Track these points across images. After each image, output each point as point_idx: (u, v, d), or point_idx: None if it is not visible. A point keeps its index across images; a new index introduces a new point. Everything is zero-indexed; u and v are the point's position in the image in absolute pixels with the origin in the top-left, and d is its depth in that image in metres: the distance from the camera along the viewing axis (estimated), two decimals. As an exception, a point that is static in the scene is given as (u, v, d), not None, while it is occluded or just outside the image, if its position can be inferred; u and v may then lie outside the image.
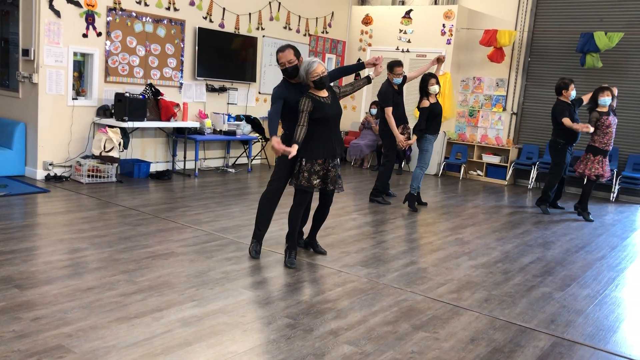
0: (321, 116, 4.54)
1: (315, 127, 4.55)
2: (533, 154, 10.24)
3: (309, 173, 4.58)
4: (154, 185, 7.58)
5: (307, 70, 4.50)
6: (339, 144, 4.77)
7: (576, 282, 4.89)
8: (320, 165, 4.62)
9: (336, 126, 4.72)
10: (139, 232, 5.30)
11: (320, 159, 4.61)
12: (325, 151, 4.62)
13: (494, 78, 10.61)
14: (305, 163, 4.57)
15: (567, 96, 7.49)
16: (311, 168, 4.59)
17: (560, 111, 7.44)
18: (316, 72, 4.47)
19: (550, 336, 3.70)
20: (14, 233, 4.95)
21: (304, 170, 4.57)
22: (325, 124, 4.59)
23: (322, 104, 4.54)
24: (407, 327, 3.63)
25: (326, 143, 4.62)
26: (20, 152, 7.31)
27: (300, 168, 4.59)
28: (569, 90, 7.47)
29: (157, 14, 8.22)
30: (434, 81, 7.18)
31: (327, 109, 4.56)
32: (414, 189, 7.33)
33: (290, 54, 4.64)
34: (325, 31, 11.26)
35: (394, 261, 5.05)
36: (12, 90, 7.53)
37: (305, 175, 4.58)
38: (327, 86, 4.63)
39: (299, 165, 4.60)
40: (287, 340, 3.31)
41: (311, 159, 4.58)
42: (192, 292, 3.91)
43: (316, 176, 4.60)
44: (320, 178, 4.63)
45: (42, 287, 3.78)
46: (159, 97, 8.09)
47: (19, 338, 3.05)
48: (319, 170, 4.62)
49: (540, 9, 10.13)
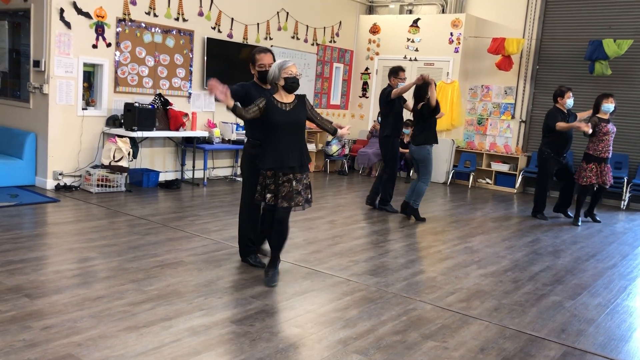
0: (272, 122, 4.17)
1: (267, 134, 4.23)
2: (542, 161, 10.19)
3: (261, 187, 4.28)
4: (163, 195, 7.61)
5: (280, 66, 4.16)
6: (299, 156, 4.25)
7: (587, 291, 4.84)
8: (270, 178, 4.24)
9: (294, 137, 4.25)
10: (148, 241, 5.32)
11: (269, 172, 4.23)
12: (274, 162, 4.18)
13: (502, 86, 10.59)
14: (264, 177, 4.29)
15: (562, 104, 7.45)
16: (263, 181, 4.27)
17: (552, 117, 7.42)
18: (290, 70, 4.16)
19: (561, 345, 3.66)
20: (24, 242, 4.98)
21: (259, 183, 4.30)
22: (277, 132, 4.19)
23: (278, 109, 4.17)
24: (417, 337, 3.61)
25: (277, 154, 4.18)
26: (30, 162, 7.37)
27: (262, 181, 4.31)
28: (564, 98, 7.42)
29: (166, 25, 8.29)
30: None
31: (281, 116, 4.17)
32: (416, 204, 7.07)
33: (271, 58, 4.58)
34: (333, 40, 11.30)
35: (402, 270, 5.03)
36: (23, 100, 7.60)
37: (259, 189, 4.31)
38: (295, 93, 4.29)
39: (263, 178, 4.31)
40: (296, 350, 3.30)
41: (262, 171, 4.26)
42: (200, 301, 3.91)
43: (267, 190, 4.25)
44: (272, 193, 4.24)
45: (52, 296, 3.80)
46: (168, 106, 8.14)
47: (29, 347, 3.06)
48: (269, 183, 4.24)
49: (548, 16, 10.12)
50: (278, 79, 4.18)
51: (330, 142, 11.01)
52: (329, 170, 11.17)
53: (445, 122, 10.68)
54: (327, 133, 4.81)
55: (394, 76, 7.22)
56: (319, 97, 11.21)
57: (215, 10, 8.95)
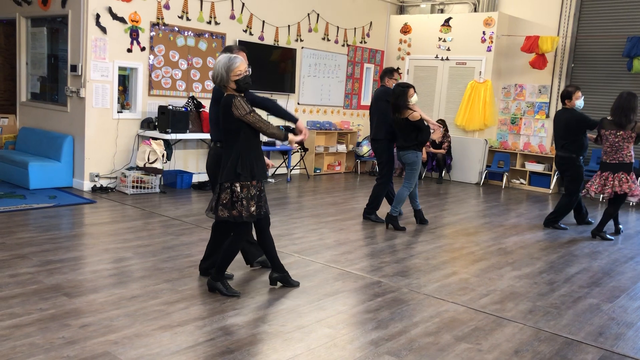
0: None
1: (250, 140, 3.84)
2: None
3: (247, 200, 3.83)
4: (196, 196, 7.71)
5: (227, 67, 3.72)
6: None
7: (625, 294, 4.73)
8: (256, 187, 3.89)
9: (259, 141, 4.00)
10: (182, 241, 5.40)
11: (256, 181, 3.89)
12: (262, 170, 3.94)
13: (537, 85, 10.42)
14: (240, 189, 3.81)
15: (571, 106, 6.84)
16: (248, 193, 3.85)
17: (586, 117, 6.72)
18: (240, 70, 3.74)
19: (598, 349, 3.58)
20: (62, 242, 5.11)
21: (241, 199, 3.81)
22: (257, 138, 3.93)
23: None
24: (449, 338, 3.58)
25: (261, 160, 3.96)
26: (68, 164, 7.56)
27: (234, 195, 3.82)
28: (572, 99, 6.81)
29: (199, 28, 8.40)
30: (412, 91, 6.33)
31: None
32: (396, 211, 6.48)
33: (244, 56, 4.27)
34: (364, 41, 11.28)
35: (434, 271, 4.99)
36: (61, 104, 7.80)
37: (244, 203, 3.82)
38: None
39: (231, 192, 3.82)
40: (327, 350, 3.30)
41: (247, 182, 3.83)
42: (233, 301, 3.95)
43: (253, 202, 3.86)
44: (256, 203, 3.89)
45: (89, 295, 3.89)
46: (201, 109, 8.25)
47: (68, 344, 3.14)
48: (255, 193, 3.88)
49: (584, 13, 9.91)
50: (227, 81, 3.76)
51: (360, 143, 11.00)
52: (359, 171, 11.15)
53: (477, 122, 10.56)
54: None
55: (388, 76, 6.75)
56: (349, 97, 11.20)
57: (247, 13, 9.03)
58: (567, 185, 7.04)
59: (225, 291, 4.03)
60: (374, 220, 6.78)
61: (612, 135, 6.45)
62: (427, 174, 11.06)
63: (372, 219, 6.80)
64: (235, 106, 3.73)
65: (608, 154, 6.52)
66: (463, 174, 10.71)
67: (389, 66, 7.12)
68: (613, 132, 6.43)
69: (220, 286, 4.04)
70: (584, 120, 6.76)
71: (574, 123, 6.76)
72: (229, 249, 4.01)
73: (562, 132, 6.87)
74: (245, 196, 3.81)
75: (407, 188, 6.46)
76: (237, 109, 3.72)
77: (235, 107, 3.72)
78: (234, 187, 3.80)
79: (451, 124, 10.79)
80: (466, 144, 10.64)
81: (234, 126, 3.79)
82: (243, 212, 3.82)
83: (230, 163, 3.80)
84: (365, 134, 11.20)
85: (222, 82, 3.77)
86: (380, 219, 6.77)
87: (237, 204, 3.80)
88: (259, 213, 3.91)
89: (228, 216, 3.85)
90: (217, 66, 3.74)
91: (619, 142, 6.41)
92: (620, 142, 6.41)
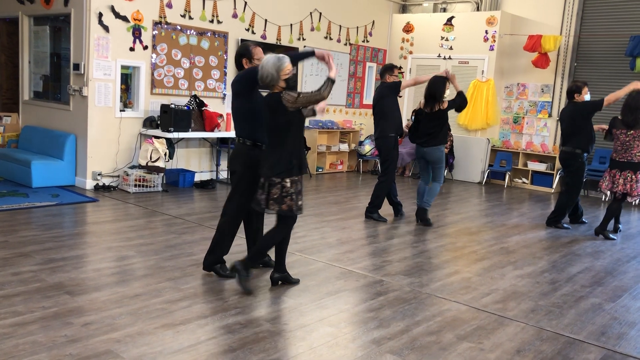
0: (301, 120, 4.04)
1: (299, 136, 4.02)
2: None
3: (295, 194, 3.97)
4: (199, 195, 7.72)
5: (277, 67, 3.84)
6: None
7: (628, 293, 4.72)
8: (301, 181, 4.05)
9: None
10: (184, 240, 5.40)
11: (297, 176, 4.01)
12: (306, 164, 4.11)
13: (539, 84, 10.40)
14: (290, 184, 3.95)
15: (581, 100, 6.80)
16: (296, 188, 3.98)
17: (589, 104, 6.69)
18: (288, 69, 3.88)
19: (600, 349, 3.58)
20: (65, 241, 5.12)
21: (290, 193, 3.95)
22: (301, 132, 4.10)
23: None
24: (451, 337, 3.58)
25: (304, 155, 4.13)
26: (70, 162, 7.57)
27: (284, 190, 3.94)
28: (582, 93, 6.78)
29: (201, 27, 8.40)
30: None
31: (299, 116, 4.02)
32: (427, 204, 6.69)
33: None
34: (366, 40, 11.27)
35: (437, 270, 4.99)
36: (64, 103, 7.81)
37: (293, 197, 3.96)
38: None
39: (281, 187, 3.94)
40: (330, 348, 3.31)
41: (296, 177, 3.98)
42: (235, 300, 3.95)
43: (300, 196, 4.02)
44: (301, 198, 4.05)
45: (92, 294, 3.89)
46: (203, 108, 8.25)
47: (70, 343, 3.15)
48: (301, 188, 4.04)
49: (586, 12, 9.89)
50: (277, 81, 3.88)
51: (362, 141, 10.99)
52: (361, 170, 11.15)
53: (480, 121, 10.55)
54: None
55: (389, 73, 6.71)
56: (351, 96, 11.20)
57: (249, 11, 9.03)
58: (567, 181, 7.01)
59: (240, 281, 4.08)
60: (376, 219, 6.77)
61: (622, 134, 6.46)
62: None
63: (375, 218, 6.79)
64: (285, 99, 3.88)
65: (618, 152, 6.53)
66: (465, 173, 10.70)
67: (388, 63, 7.03)
68: (624, 131, 6.44)
69: (242, 272, 4.07)
70: (587, 104, 6.75)
71: (578, 111, 6.75)
72: (270, 237, 4.12)
73: (568, 124, 6.83)
74: (295, 190, 3.96)
75: (440, 183, 6.65)
76: (288, 101, 3.87)
77: (285, 100, 3.87)
78: (284, 183, 3.93)
79: (453, 123, 10.78)
80: (468, 143, 10.63)
81: (284, 121, 3.92)
82: (293, 206, 3.97)
83: (282, 159, 3.92)
84: (367, 132, 11.20)
85: (272, 81, 3.88)
86: (382, 218, 6.77)
87: (286, 199, 3.94)
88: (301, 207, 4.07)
89: (278, 210, 3.98)
90: (267, 66, 3.86)
91: (630, 141, 6.40)
92: (630, 141, 6.40)
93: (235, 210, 4.38)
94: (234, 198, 4.37)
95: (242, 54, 4.46)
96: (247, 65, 4.46)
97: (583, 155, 6.82)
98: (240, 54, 4.48)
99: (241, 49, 4.51)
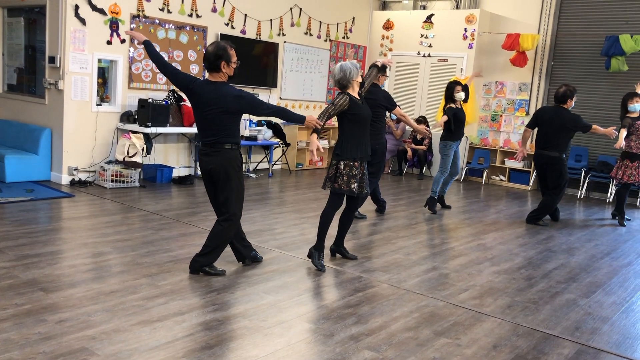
0: (360, 115, 4.62)
1: (351, 127, 4.62)
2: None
3: (347, 177, 4.59)
4: (177, 190, 7.65)
5: (357, 67, 4.67)
6: (369, 147, 4.81)
7: (601, 289, 4.80)
8: (357, 168, 4.63)
9: (368, 128, 4.75)
10: (162, 236, 5.35)
11: (357, 162, 4.62)
12: (361, 153, 4.65)
13: (517, 82, 10.51)
14: (344, 167, 4.60)
15: (569, 106, 6.85)
16: (350, 171, 4.59)
17: (579, 119, 6.83)
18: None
19: (575, 344, 3.63)
20: (39, 237, 5.03)
21: (342, 174, 4.59)
22: (360, 125, 4.64)
23: (358, 104, 4.62)
24: (429, 333, 3.60)
25: (362, 145, 4.66)
26: (46, 157, 7.44)
27: (338, 171, 4.61)
28: (572, 100, 6.85)
29: (180, 21, 8.31)
30: (460, 88, 7.24)
31: (363, 110, 4.65)
32: (434, 192, 7.37)
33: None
34: (346, 36, 11.27)
35: (415, 267, 5.01)
36: (39, 96, 7.67)
37: (345, 179, 4.59)
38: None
39: (335, 168, 4.63)
40: (308, 344, 3.30)
41: (350, 162, 4.60)
42: (213, 296, 3.93)
43: (354, 180, 4.60)
44: (357, 182, 4.62)
45: (67, 290, 3.84)
46: (182, 103, 8.18)
47: (44, 340, 3.09)
48: (357, 173, 4.62)
49: (563, 12, 10.01)
50: (356, 76, 4.62)
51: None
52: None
53: (458, 119, 10.61)
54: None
55: (381, 74, 6.46)
56: (332, 93, 11.20)
57: (229, 6, 8.96)
58: (554, 184, 6.97)
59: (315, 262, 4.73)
60: (357, 216, 6.78)
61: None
62: (409, 170, 11.12)
63: (356, 215, 6.78)
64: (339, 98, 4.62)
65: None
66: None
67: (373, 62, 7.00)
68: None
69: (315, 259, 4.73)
70: (577, 122, 6.80)
71: (571, 123, 6.78)
72: (322, 218, 4.77)
73: (556, 131, 6.80)
74: (347, 173, 4.59)
75: (440, 172, 7.41)
76: (336, 99, 4.62)
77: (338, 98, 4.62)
78: (339, 165, 4.62)
79: (432, 121, 10.84)
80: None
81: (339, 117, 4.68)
82: (343, 185, 4.60)
83: (335, 146, 4.70)
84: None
85: (351, 77, 4.59)
86: (362, 216, 6.78)
87: (338, 179, 4.61)
88: (359, 192, 4.67)
89: (331, 187, 4.66)
90: (347, 66, 4.59)
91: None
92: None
93: (239, 214, 4.38)
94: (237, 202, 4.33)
95: (219, 56, 4.16)
96: (225, 68, 4.23)
97: (566, 158, 6.99)
98: (217, 56, 4.16)
99: (218, 49, 4.17)
